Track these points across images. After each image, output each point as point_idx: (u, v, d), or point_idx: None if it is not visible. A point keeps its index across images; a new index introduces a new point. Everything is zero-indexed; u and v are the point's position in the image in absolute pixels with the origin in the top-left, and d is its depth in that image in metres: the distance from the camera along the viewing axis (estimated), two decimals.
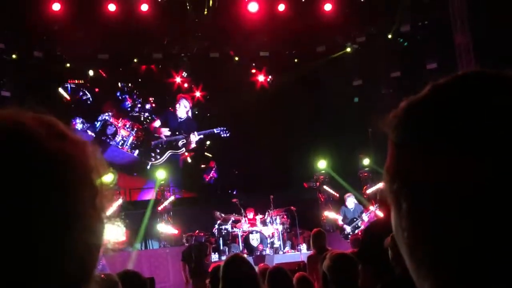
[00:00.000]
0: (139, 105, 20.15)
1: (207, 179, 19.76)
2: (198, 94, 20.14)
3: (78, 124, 19.31)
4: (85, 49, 17.23)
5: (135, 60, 18.52)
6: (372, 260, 4.47)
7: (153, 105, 20.05)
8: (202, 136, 19.87)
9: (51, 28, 16.11)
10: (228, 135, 19.80)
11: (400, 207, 0.82)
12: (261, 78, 19.90)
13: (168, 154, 19.74)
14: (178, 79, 19.84)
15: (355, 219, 13.93)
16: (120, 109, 20.05)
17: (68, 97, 18.93)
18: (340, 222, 14.14)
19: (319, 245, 8.19)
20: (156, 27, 16.79)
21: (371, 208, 14.03)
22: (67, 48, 17.13)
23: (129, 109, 20.14)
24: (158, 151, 19.86)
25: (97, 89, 19.34)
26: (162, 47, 17.98)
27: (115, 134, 19.80)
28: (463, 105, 0.78)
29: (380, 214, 13.36)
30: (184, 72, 19.69)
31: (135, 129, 20.06)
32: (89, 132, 19.42)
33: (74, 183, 0.80)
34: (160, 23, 16.75)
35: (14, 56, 16.41)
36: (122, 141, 19.86)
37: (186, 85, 20.06)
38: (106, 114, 19.84)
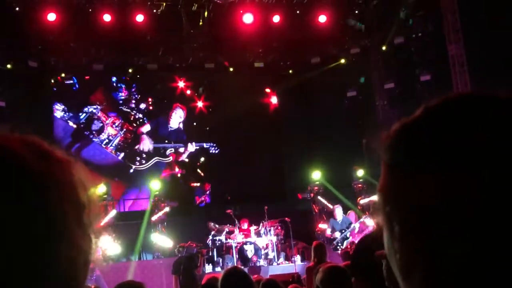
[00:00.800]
0: (133, 101, 19.24)
1: (197, 202, 19.06)
2: (200, 104, 19.86)
3: (58, 112, 18.28)
4: (79, 59, 17.25)
5: (130, 71, 18.51)
6: (364, 273, 4.47)
7: (150, 107, 19.36)
8: (198, 147, 19.52)
9: (46, 38, 16.11)
10: (217, 151, 19.37)
11: (392, 229, 0.82)
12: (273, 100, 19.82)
13: (154, 160, 19.03)
14: (181, 84, 19.58)
15: (343, 231, 13.96)
16: (111, 99, 19.04)
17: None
18: (329, 233, 14.17)
19: (319, 257, 8.24)
20: (151, 37, 16.84)
21: (360, 219, 14.06)
22: (62, 58, 17.13)
23: (121, 101, 19.15)
24: (144, 156, 19.05)
25: (87, 77, 18.47)
26: (157, 58, 18.00)
27: (100, 130, 18.74)
28: (455, 127, 0.78)
29: (370, 223, 13.41)
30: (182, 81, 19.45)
31: (124, 129, 19.05)
32: (70, 123, 18.39)
33: (56, 202, 0.80)
34: (155, 34, 16.79)
35: (8, 66, 16.40)
36: (108, 140, 18.79)
37: (189, 92, 19.69)
38: (95, 106, 18.78)
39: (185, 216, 16.87)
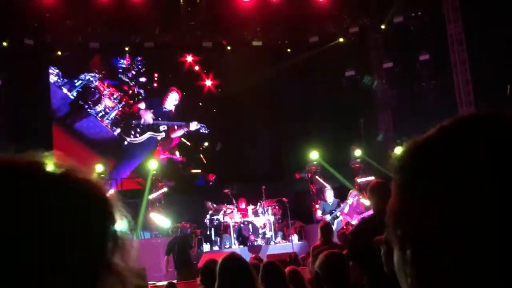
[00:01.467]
0: (134, 72, 18.56)
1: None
2: (209, 83, 19.62)
3: (52, 76, 17.71)
4: (76, 37, 17.11)
5: (127, 49, 18.35)
6: (362, 258, 4.49)
7: (155, 84, 18.68)
8: (199, 127, 19.10)
9: (43, 16, 15.96)
10: (207, 131, 19.08)
11: (404, 252, 0.80)
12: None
13: (148, 135, 18.51)
14: (189, 58, 19.20)
15: (333, 211, 14.03)
16: (110, 67, 18.38)
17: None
18: (319, 215, 14.21)
19: (325, 237, 8.26)
20: (148, 15, 16.68)
21: (348, 200, 14.10)
22: (58, 36, 16.98)
23: (120, 70, 18.47)
24: (138, 130, 18.46)
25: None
26: (154, 36, 17.85)
27: (97, 102, 18.03)
28: (469, 152, 0.75)
29: (364, 202, 13.45)
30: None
31: (123, 103, 18.35)
32: (64, 90, 17.76)
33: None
34: (152, 11, 16.63)
35: (4, 43, 16.26)
36: (103, 113, 18.13)
37: (197, 68, 19.27)
38: (92, 74, 18.12)
39: (183, 195, 16.87)
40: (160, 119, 18.90)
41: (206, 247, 14.33)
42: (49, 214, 0.85)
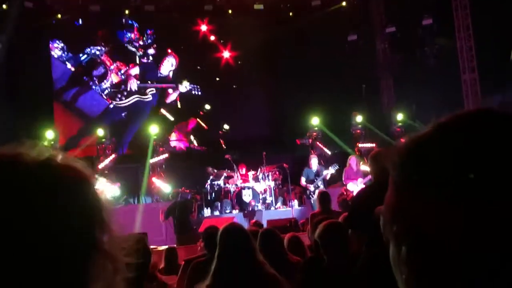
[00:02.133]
0: (141, 42, 18.06)
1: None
2: (227, 54, 19.10)
3: (56, 50, 17.30)
4: (76, 0, 16.91)
5: (127, 12, 18.09)
6: (361, 227, 4.51)
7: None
8: (191, 88, 18.61)
9: None
10: (199, 93, 18.72)
11: (399, 251, 0.78)
12: None
13: (134, 98, 17.98)
14: (204, 27, 18.65)
15: (315, 179, 14.08)
16: (115, 39, 17.92)
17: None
18: (303, 183, 14.27)
19: (324, 205, 8.29)
20: None
21: (330, 169, 14.22)
22: None
23: (126, 44, 17.99)
24: (125, 93, 17.95)
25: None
26: (154, 1, 17.61)
27: (103, 77, 17.57)
28: (468, 149, 0.73)
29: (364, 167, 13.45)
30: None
31: (132, 80, 17.92)
32: (68, 65, 17.35)
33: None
34: None
35: (4, 6, 16.08)
36: (109, 91, 17.83)
37: (212, 38, 18.69)
38: (98, 47, 17.68)
39: (184, 161, 16.89)
40: (149, 82, 18.39)
41: (206, 212, 14.41)
42: (32, 199, 0.86)
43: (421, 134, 0.81)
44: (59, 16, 17.30)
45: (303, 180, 14.35)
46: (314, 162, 14.46)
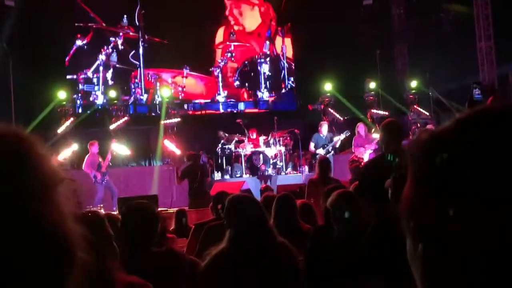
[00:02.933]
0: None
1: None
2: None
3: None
4: None
5: None
6: (371, 196, 4.52)
7: None
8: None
9: None
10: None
11: (416, 246, 0.78)
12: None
13: None
14: None
15: (325, 145, 14.08)
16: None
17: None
18: (312, 149, 14.27)
19: (323, 172, 8.30)
20: None
21: (341, 135, 14.28)
22: None
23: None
24: None
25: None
26: None
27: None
28: (490, 148, 0.72)
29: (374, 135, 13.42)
30: None
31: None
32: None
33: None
34: None
35: None
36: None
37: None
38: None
39: (195, 123, 16.87)
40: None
41: (217, 175, 14.49)
42: None
43: (441, 129, 0.79)
44: None
45: (312, 146, 14.37)
46: (324, 128, 14.45)
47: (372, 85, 16.81)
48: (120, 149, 14.46)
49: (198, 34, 16.83)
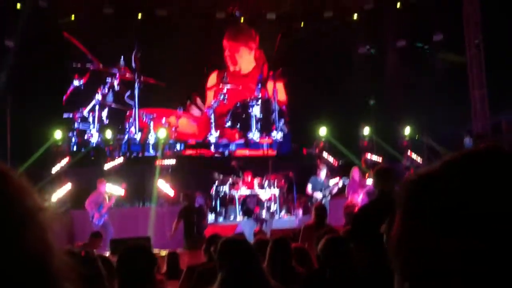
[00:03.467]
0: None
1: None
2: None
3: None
4: (90, 2, 17.03)
5: (139, 16, 18.14)
6: (364, 241, 4.54)
7: None
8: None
9: None
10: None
11: (403, 280, 0.81)
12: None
13: None
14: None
15: (322, 189, 14.07)
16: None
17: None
18: (310, 191, 14.22)
19: (319, 218, 8.32)
20: None
21: (340, 182, 14.22)
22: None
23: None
24: None
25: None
26: (166, 3, 17.71)
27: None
28: (474, 188, 0.75)
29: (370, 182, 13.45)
30: None
31: None
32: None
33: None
34: None
35: (18, 5, 16.23)
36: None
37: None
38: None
39: (190, 165, 16.88)
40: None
41: (211, 217, 14.43)
42: None
43: (429, 170, 0.82)
44: (73, 17, 17.42)
45: (309, 188, 14.30)
46: (323, 172, 14.43)
47: (366, 130, 16.94)
48: (114, 189, 14.43)
49: (193, 78, 17.05)
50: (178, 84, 16.88)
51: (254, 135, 15.80)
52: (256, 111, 15.65)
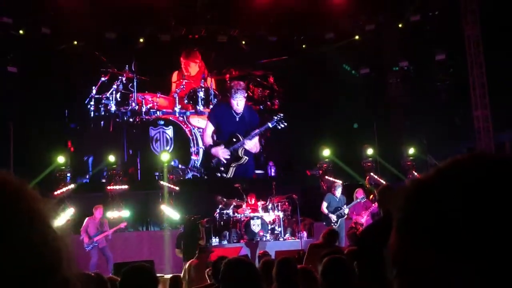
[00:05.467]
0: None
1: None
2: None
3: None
4: (92, 27, 17.15)
5: (141, 40, 18.34)
6: (368, 261, 4.49)
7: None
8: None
9: (60, 4, 16.02)
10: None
11: None
12: None
13: (233, 167, 17.19)
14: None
15: (339, 208, 13.96)
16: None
17: None
18: (325, 210, 14.13)
19: (327, 241, 8.21)
20: (164, 8, 16.70)
21: (358, 199, 14.10)
22: (75, 25, 17.00)
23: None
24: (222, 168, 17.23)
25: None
26: (169, 29, 17.88)
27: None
28: (468, 197, 0.73)
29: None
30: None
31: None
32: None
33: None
34: (168, 4, 16.67)
35: (21, 31, 16.36)
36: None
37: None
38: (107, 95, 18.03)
39: (193, 188, 16.88)
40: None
41: (214, 240, 14.34)
42: None
43: (422, 178, 0.81)
44: (75, 42, 17.55)
45: (324, 206, 14.19)
46: (338, 190, 14.35)
47: (370, 151, 16.92)
48: (119, 215, 14.44)
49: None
50: (158, 78, 18.60)
51: (200, 107, 18.35)
52: (201, 94, 18.39)
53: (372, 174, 16.46)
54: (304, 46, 19.33)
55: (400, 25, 18.03)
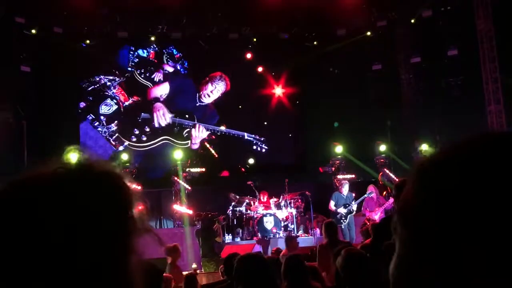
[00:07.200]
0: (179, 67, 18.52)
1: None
2: (278, 91, 19.19)
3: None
4: (104, 26, 17.21)
5: (153, 39, 18.36)
6: (382, 254, 4.48)
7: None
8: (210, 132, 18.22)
9: (72, 4, 16.07)
10: (265, 149, 18.36)
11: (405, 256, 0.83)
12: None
13: (162, 140, 17.78)
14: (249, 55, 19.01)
15: (347, 205, 13.91)
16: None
17: None
18: (333, 207, 14.09)
19: (330, 236, 8.23)
20: (175, 6, 16.69)
21: (365, 194, 14.10)
22: (87, 24, 17.07)
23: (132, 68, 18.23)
24: (147, 130, 17.77)
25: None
26: (181, 27, 17.88)
27: (112, 119, 17.78)
28: (485, 175, 0.74)
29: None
30: None
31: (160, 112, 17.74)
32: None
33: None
34: (180, 2, 16.66)
35: (33, 31, 16.43)
36: (117, 136, 17.69)
37: (260, 69, 18.91)
38: (111, 77, 18.17)
39: (207, 185, 16.90)
40: (187, 116, 18.06)
41: (228, 238, 14.38)
42: (69, 211, 0.92)
43: (436, 154, 0.83)
44: (88, 41, 17.63)
45: (332, 204, 14.16)
46: (345, 188, 14.33)
47: (383, 147, 16.85)
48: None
49: None
50: None
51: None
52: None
53: (386, 170, 16.39)
54: (315, 42, 19.26)
55: (412, 21, 17.90)
